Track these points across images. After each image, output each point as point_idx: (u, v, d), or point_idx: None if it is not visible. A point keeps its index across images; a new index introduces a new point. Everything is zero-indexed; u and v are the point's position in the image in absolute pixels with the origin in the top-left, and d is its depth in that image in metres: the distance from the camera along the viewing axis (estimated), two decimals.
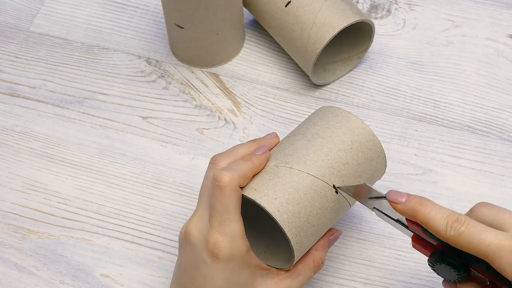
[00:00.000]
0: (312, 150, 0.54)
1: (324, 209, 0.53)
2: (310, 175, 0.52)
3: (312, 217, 0.52)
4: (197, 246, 0.51)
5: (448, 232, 0.45)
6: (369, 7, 0.77)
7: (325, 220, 0.53)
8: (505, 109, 0.70)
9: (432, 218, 0.46)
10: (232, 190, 0.50)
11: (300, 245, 0.52)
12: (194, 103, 0.71)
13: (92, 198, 0.66)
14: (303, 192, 0.52)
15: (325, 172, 0.53)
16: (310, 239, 0.53)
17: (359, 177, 0.55)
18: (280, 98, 0.71)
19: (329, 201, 0.53)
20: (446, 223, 0.46)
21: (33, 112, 0.71)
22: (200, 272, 0.51)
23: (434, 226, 0.46)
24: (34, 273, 0.62)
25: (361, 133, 0.55)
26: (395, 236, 0.63)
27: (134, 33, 0.76)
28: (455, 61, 0.73)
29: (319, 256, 0.55)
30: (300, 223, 0.51)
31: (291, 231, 0.51)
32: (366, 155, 0.55)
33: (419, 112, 0.70)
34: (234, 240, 0.50)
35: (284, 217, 0.50)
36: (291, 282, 0.54)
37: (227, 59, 0.74)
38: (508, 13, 0.76)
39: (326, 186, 0.53)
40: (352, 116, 0.56)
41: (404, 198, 0.48)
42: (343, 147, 0.54)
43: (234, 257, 0.50)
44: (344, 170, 0.54)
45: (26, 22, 0.78)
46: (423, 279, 0.61)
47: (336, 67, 0.72)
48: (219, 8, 0.66)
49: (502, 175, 0.66)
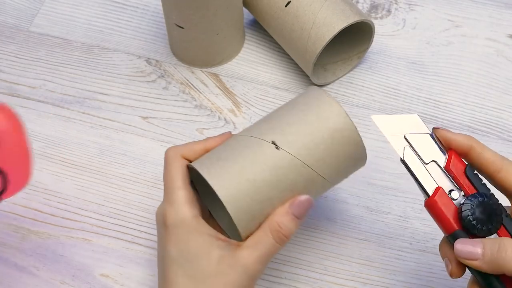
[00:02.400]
0: (262, 120, 0.55)
1: (262, 165, 0.51)
2: (247, 136, 0.53)
3: (250, 174, 0.50)
4: (157, 222, 0.53)
5: (503, 160, 0.47)
6: (369, 7, 0.77)
7: (269, 178, 0.51)
8: (505, 109, 0.70)
9: (487, 149, 0.48)
10: (174, 159, 0.53)
11: (240, 205, 0.50)
12: (194, 103, 0.71)
13: (92, 198, 0.66)
14: (237, 150, 0.52)
15: (266, 132, 0.52)
16: (254, 198, 0.50)
17: (311, 135, 0.52)
18: (280, 98, 0.71)
19: (269, 158, 0.51)
20: (500, 155, 0.47)
21: (33, 112, 0.71)
22: (159, 245, 0.53)
23: (490, 153, 0.48)
24: (34, 273, 0.62)
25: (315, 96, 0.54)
26: (395, 236, 0.63)
27: (134, 33, 0.76)
28: (455, 61, 0.73)
29: (275, 220, 0.51)
30: (230, 177, 0.50)
31: (219, 184, 0.50)
32: (320, 115, 0.52)
33: (419, 112, 0.70)
34: (178, 206, 0.51)
35: (212, 172, 0.51)
36: (249, 252, 0.50)
37: (227, 59, 0.74)
38: (508, 13, 0.76)
39: (262, 142, 0.52)
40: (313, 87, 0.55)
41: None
42: (290, 111, 0.54)
43: (179, 222, 0.51)
44: (288, 128, 0.52)
45: (26, 22, 0.78)
46: (423, 279, 0.61)
47: (336, 67, 0.72)
48: (219, 8, 0.66)
49: None
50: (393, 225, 0.63)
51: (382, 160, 0.67)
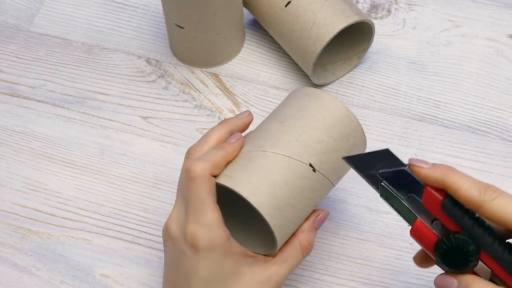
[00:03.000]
0: (286, 131, 0.53)
1: (302, 188, 0.52)
2: (284, 156, 0.52)
3: (290, 197, 0.51)
4: (177, 240, 0.50)
5: (482, 196, 0.43)
6: (369, 7, 0.77)
7: (305, 200, 0.52)
8: (505, 109, 0.70)
9: (463, 183, 0.44)
10: (204, 179, 0.49)
11: (281, 228, 0.51)
12: (194, 103, 0.71)
13: (92, 198, 0.66)
14: (278, 173, 0.51)
15: (300, 151, 0.52)
16: (292, 220, 0.52)
17: (337, 153, 0.53)
18: (280, 98, 0.71)
19: (307, 180, 0.52)
20: (479, 188, 0.44)
21: (33, 112, 0.71)
22: (183, 266, 0.50)
23: (466, 191, 0.44)
24: (34, 273, 0.62)
25: (335, 109, 0.54)
26: (395, 236, 0.63)
27: (134, 33, 0.76)
28: (455, 61, 0.73)
29: (305, 237, 0.54)
30: (277, 204, 0.50)
31: (269, 213, 0.50)
32: (342, 131, 0.54)
33: (419, 112, 0.70)
34: (211, 229, 0.49)
35: (260, 200, 0.50)
36: (278, 267, 0.52)
37: (227, 59, 0.74)
38: (508, 13, 0.76)
39: (301, 165, 0.52)
40: (323, 93, 0.55)
41: (429, 164, 0.46)
42: (316, 125, 0.53)
43: (213, 246, 0.49)
44: (319, 147, 0.53)
45: (26, 22, 0.78)
46: (423, 279, 0.61)
47: (336, 67, 0.72)
48: (219, 8, 0.66)
49: (502, 175, 0.66)
50: (393, 225, 0.63)
51: None
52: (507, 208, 0.43)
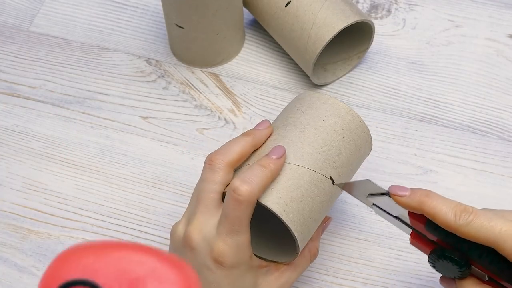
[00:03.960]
0: (307, 142, 0.53)
1: (323, 202, 0.53)
2: (309, 169, 0.52)
3: (314, 212, 0.52)
4: (200, 252, 0.50)
5: (457, 221, 0.45)
6: (369, 7, 0.77)
7: (324, 213, 0.54)
8: (505, 109, 0.70)
9: (439, 210, 0.46)
10: (250, 204, 0.49)
11: (304, 241, 0.52)
12: (194, 103, 0.71)
13: (92, 198, 0.66)
14: (304, 188, 0.52)
15: (322, 165, 0.53)
16: (311, 232, 0.54)
17: (351, 165, 0.55)
18: (280, 98, 0.71)
19: (327, 194, 0.53)
20: (454, 213, 0.46)
21: (33, 112, 0.71)
22: (204, 278, 0.51)
23: (443, 217, 0.46)
24: (34, 273, 0.62)
25: (351, 121, 0.55)
26: (395, 236, 0.63)
27: (134, 33, 0.76)
28: (455, 61, 0.73)
29: (314, 246, 0.56)
30: (304, 220, 0.51)
31: (297, 229, 0.51)
32: (356, 143, 0.55)
33: (419, 112, 0.70)
34: (240, 249, 0.50)
35: (290, 216, 0.51)
36: (290, 274, 0.54)
37: (227, 59, 0.74)
38: (508, 13, 0.76)
39: (324, 179, 0.53)
40: (340, 103, 0.56)
41: (408, 192, 0.48)
42: (336, 137, 0.54)
43: (238, 264, 0.50)
44: (339, 160, 0.54)
45: (26, 22, 0.78)
46: (423, 279, 0.61)
47: (336, 67, 0.72)
48: (219, 8, 0.66)
49: (502, 175, 0.66)
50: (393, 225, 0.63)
51: (382, 160, 0.67)
52: (482, 230, 0.45)
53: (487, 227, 0.45)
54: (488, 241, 0.45)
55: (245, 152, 0.53)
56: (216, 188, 0.51)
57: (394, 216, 0.51)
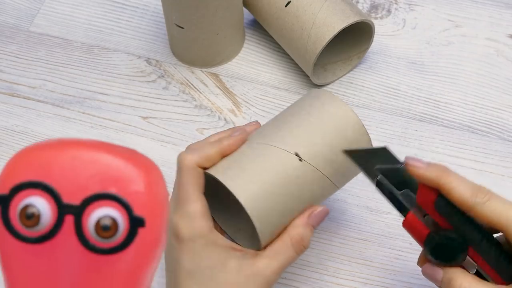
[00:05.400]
0: (282, 127, 0.53)
1: (286, 177, 0.51)
2: (269, 145, 0.52)
3: (273, 185, 0.50)
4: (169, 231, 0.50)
5: (474, 199, 0.45)
6: (369, 7, 0.77)
7: (292, 189, 0.51)
8: (505, 109, 0.70)
9: (457, 185, 0.45)
10: (190, 169, 0.50)
11: (264, 217, 0.50)
12: (194, 103, 0.71)
13: None
14: (259, 161, 0.51)
15: (288, 142, 0.52)
16: (276, 209, 0.50)
17: (329, 146, 0.53)
18: (280, 98, 0.71)
19: (292, 169, 0.51)
20: (471, 191, 0.45)
21: (33, 112, 0.71)
22: (170, 256, 0.51)
23: (459, 193, 0.45)
24: None
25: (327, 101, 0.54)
26: (395, 236, 0.63)
27: (134, 33, 0.76)
28: (455, 61, 0.73)
29: (296, 232, 0.51)
30: (255, 189, 0.50)
31: (246, 198, 0.49)
32: (337, 124, 0.53)
33: (419, 112, 0.70)
34: (193, 220, 0.49)
35: (238, 183, 0.49)
36: (268, 261, 0.50)
37: (227, 59, 0.74)
38: (508, 13, 0.76)
39: (286, 153, 0.51)
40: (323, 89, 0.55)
41: (425, 164, 0.47)
42: (313, 120, 0.53)
43: (194, 237, 0.49)
44: (308, 141, 0.52)
45: (26, 22, 0.78)
46: (423, 279, 0.60)
47: (336, 67, 0.72)
48: (219, 8, 0.66)
49: (502, 175, 0.66)
50: (393, 225, 0.63)
51: None
52: (496, 211, 0.45)
53: (501, 209, 0.44)
54: (500, 223, 0.45)
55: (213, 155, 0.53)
56: None
57: (398, 192, 0.49)
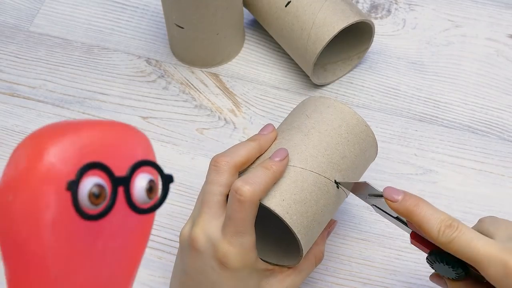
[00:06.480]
0: (311, 145, 0.53)
1: (327, 205, 0.53)
2: (312, 172, 0.52)
3: (318, 215, 0.52)
4: (205, 253, 0.50)
5: (440, 237, 0.46)
6: (369, 7, 0.77)
7: (328, 216, 0.54)
8: (505, 109, 0.70)
9: (426, 222, 0.46)
10: (253, 205, 0.49)
11: (308, 244, 0.52)
12: (194, 103, 0.71)
13: None
14: (308, 191, 0.52)
15: (326, 168, 0.53)
16: (315, 236, 0.53)
17: (355, 169, 0.55)
18: (280, 98, 0.71)
19: (331, 197, 0.53)
20: (438, 228, 0.46)
21: (33, 112, 0.71)
22: (208, 278, 0.50)
23: (427, 230, 0.46)
24: None
25: (356, 124, 0.56)
26: (395, 236, 0.63)
27: (134, 33, 0.76)
28: (455, 61, 0.73)
29: (319, 250, 0.56)
30: (307, 223, 0.51)
31: (300, 231, 0.51)
32: (361, 146, 0.56)
33: (419, 112, 0.70)
34: (245, 251, 0.50)
35: (294, 219, 0.50)
36: (294, 278, 0.54)
37: (227, 59, 0.74)
38: (508, 13, 0.76)
39: (328, 182, 0.53)
40: (345, 106, 0.56)
41: (400, 196, 0.48)
42: (340, 140, 0.54)
43: (243, 267, 0.50)
44: (343, 163, 0.54)
45: (26, 22, 0.78)
46: (423, 279, 0.61)
47: (336, 67, 0.72)
48: (219, 8, 0.66)
49: (502, 175, 0.66)
50: (393, 225, 0.63)
51: (382, 160, 0.67)
52: (464, 249, 0.45)
53: (468, 247, 0.45)
54: (469, 260, 0.45)
55: (251, 155, 0.53)
56: (221, 190, 0.51)
57: (394, 217, 0.51)
